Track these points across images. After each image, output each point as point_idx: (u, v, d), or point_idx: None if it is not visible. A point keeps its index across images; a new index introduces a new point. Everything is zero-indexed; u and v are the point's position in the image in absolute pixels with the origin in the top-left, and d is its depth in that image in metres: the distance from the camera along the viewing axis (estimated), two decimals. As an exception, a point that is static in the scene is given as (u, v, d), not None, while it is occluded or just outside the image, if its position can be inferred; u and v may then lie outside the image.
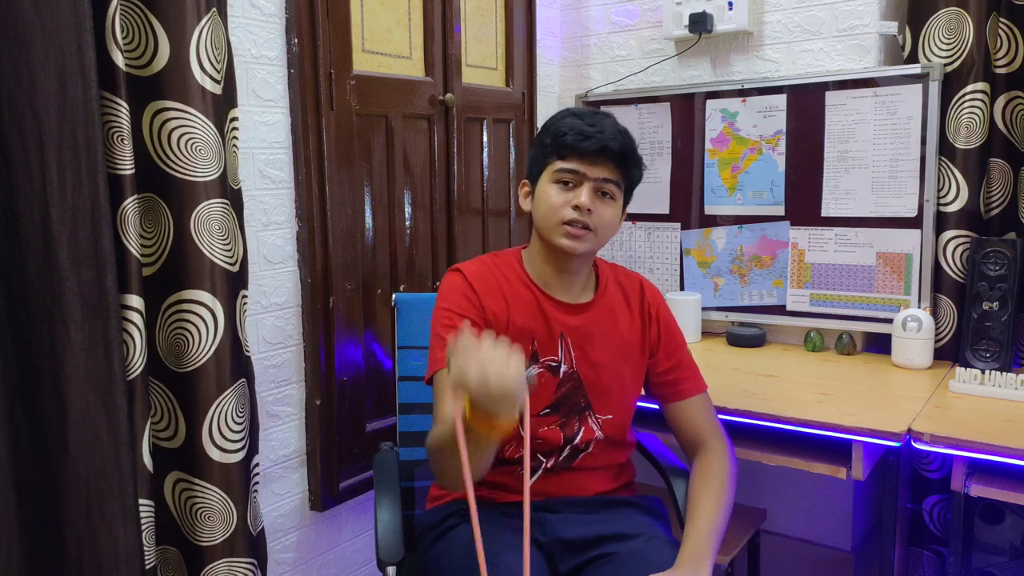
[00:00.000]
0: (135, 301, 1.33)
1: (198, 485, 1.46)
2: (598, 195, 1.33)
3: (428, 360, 1.35)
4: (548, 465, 1.40)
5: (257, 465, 1.59)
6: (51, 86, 1.17)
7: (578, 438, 1.40)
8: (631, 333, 1.44)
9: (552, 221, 1.33)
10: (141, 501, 1.35)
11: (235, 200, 1.51)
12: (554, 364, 1.39)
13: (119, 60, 1.27)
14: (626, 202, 1.40)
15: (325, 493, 1.84)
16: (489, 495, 1.41)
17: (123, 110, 1.29)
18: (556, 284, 1.40)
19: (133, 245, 1.32)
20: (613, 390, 1.41)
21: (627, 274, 1.51)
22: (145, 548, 1.36)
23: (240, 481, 1.50)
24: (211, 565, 1.48)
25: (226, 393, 1.46)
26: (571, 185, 1.33)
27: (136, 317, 1.33)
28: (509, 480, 1.41)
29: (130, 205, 1.31)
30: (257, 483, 1.59)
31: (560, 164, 1.33)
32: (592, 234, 1.33)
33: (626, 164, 1.35)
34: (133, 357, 1.33)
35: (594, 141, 1.30)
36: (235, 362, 1.49)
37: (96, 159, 1.22)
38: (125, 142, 1.29)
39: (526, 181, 1.43)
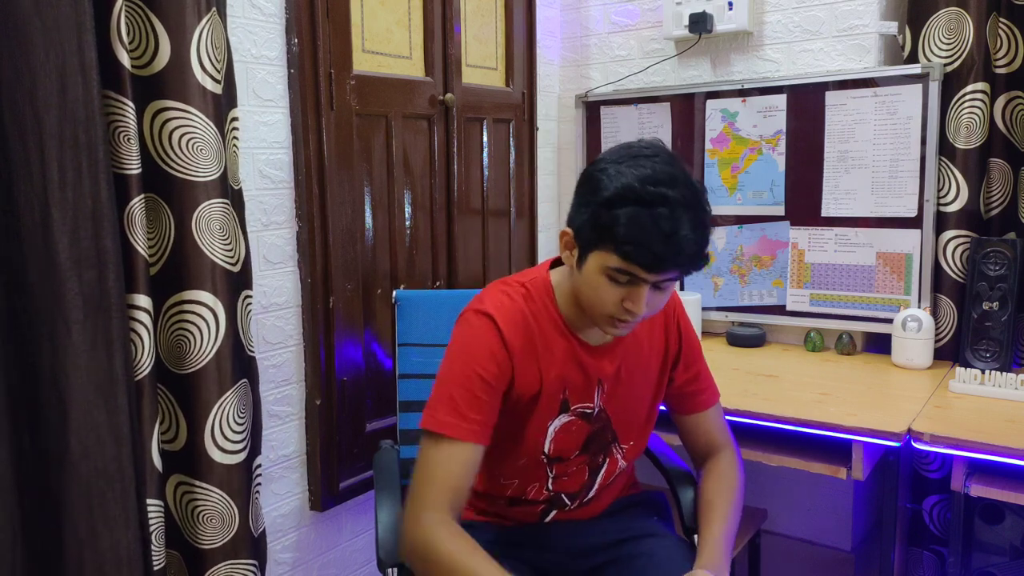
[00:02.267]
0: (143, 301, 1.33)
1: (199, 487, 1.46)
2: (655, 288, 1.13)
3: (431, 404, 1.19)
4: (572, 506, 1.34)
5: (259, 466, 1.59)
6: (52, 86, 1.17)
7: (603, 470, 1.33)
8: (654, 352, 1.34)
9: (599, 312, 1.17)
10: (150, 501, 1.35)
11: (236, 200, 1.51)
12: (588, 411, 1.29)
13: (124, 60, 1.27)
14: None
15: (325, 493, 1.84)
16: (499, 522, 1.38)
17: (129, 110, 1.29)
18: (588, 328, 1.26)
19: (140, 245, 1.33)
20: (637, 418, 1.34)
21: None
22: (155, 549, 1.36)
23: (242, 482, 1.50)
24: (213, 568, 1.48)
25: (227, 394, 1.46)
26: (626, 283, 1.12)
27: (144, 317, 1.33)
28: (523, 515, 1.36)
29: (136, 205, 1.31)
30: (259, 484, 1.58)
31: (617, 263, 1.10)
32: (638, 321, 1.18)
33: (701, 265, 1.14)
34: (141, 357, 1.33)
35: (669, 263, 1.08)
36: (237, 363, 1.49)
37: (97, 158, 1.22)
38: (131, 142, 1.29)
39: (568, 231, 1.18)
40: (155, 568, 1.35)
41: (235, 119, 1.50)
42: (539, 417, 1.25)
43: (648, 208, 1.06)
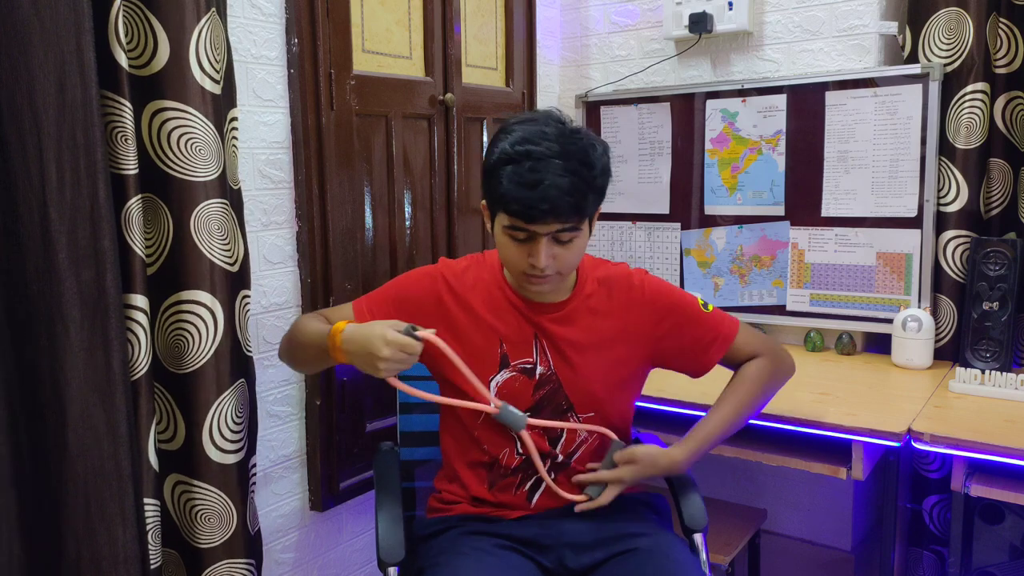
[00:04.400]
0: (140, 301, 1.33)
1: (197, 487, 1.46)
2: (556, 242, 1.23)
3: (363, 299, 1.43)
4: (546, 466, 1.39)
5: (255, 466, 1.59)
6: (50, 86, 1.17)
7: (562, 438, 1.39)
8: (616, 327, 1.38)
9: (513, 270, 1.29)
10: (146, 500, 1.35)
11: (235, 200, 1.51)
12: (528, 367, 1.36)
13: (122, 60, 1.27)
14: (593, 219, 1.31)
15: (325, 493, 1.84)
16: (493, 514, 1.41)
17: (126, 110, 1.29)
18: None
19: (137, 245, 1.33)
20: (595, 387, 1.38)
21: (613, 267, 1.44)
22: (151, 548, 1.36)
23: (239, 482, 1.50)
24: (211, 567, 1.48)
25: (225, 394, 1.46)
26: (524, 239, 1.24)
27: (141, 317, 1.33)
28: (510, 498, 1.40)
29: (134, 205, 1.32)
30: (255, 483, 1.58)
31: (508, 220, 1.23)
32: (558, 276, 1.28)
33: (581, 211, 1.22)
34: (138, 357, 1.33)
35: (537, 211, 1.18)
36: (235, 363, 1.49)
37: (95, 159, 1.22)
38: (128, 142, 1.29)
39: (485, 203, 1.32)
40: (152, 567, 1.35)
41: (234, 119, 1.50)
42: (481, 371, 1.34)
43: (516, 165, 1.19)
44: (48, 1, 1.16)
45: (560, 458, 1.40)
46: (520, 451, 1.38)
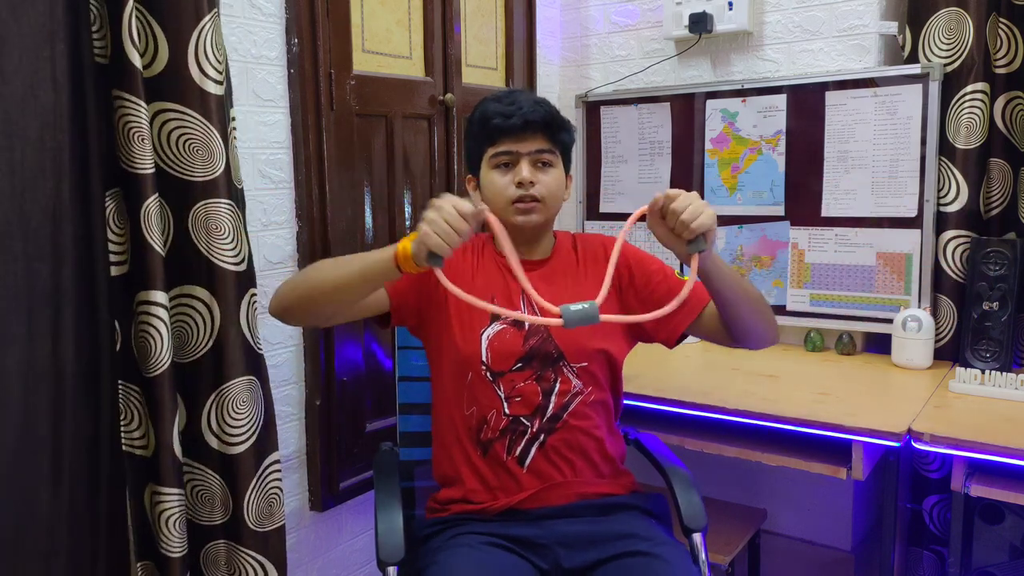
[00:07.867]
0: (160, 297, 1.35)
1: (199, 470, 1.47)
2: (537, 166, 1.41)
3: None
4: (534, 429, 1.39)
5: (275, 463, 1.57)
6: (23, 91, 1.20)
7: (556, 390, 1.40)
8: (593, 277, 1.47)
9: (501, 203, 1.41)
10: (166, 489, 1.38)
11: (239, 200, 1.51)
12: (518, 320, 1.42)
13: (136, 60, 1.29)
14: (567, 167, 1.47)
15: (325, 493, 1.84)
16: (485, 500, 1.41)
17: (141, 110, 1.30)
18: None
19: (156, 242, 1.35)
20: (584, 339, 1.42)
21: (587, 236, 1.57)
22: (177, 534, 1.38)
23: (241, 473, 1.49)
24: (208, 544, 1.49)
25: (222, 388, 1.46)
26: (509, 166, 1.41)
27: (161, 312, 1.35)
28: (503, 476, 1.39)
29: (151, 204, 1.33)
30: (275, 481, 1.57)
31: (493, 149, 1.41)
32: (541, 204, 1.41)
33: (554, 131, 1.42)
34: (160, 352, 1.36)
35: (516, 118, 1.38)
36: (234, 360, 1.49)
37: (62, 160, 1.25)
38: (145, 142, 1.31)
39: (470, 176, 1.50)
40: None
41: (233, 119, 1.51)
42: (471, 324, 1.41)
43: (496, 101, 1.42)
44: (25, 9, 1.17)
45: (550, 412, 1.39)
46: (508, 412, 1.39)
